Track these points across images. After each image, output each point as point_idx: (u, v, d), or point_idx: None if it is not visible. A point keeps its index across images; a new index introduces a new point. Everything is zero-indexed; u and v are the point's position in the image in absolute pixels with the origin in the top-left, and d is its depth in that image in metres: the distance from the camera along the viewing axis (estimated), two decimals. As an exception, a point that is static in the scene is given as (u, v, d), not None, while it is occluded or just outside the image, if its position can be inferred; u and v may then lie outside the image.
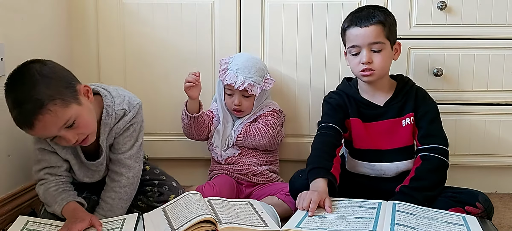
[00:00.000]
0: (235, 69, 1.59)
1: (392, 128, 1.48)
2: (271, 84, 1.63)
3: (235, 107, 1.62)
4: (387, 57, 1.44)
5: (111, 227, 1.28)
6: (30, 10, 1.54)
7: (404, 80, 1.53)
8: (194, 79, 1.56)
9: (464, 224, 1.20)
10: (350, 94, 1.52)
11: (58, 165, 1.36)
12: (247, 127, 1.63)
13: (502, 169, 1.78)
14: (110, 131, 1.37)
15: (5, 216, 1.42)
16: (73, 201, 1.33)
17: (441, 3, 1.66)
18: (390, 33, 1.45)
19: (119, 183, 1.39)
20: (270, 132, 1.61)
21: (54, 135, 1.23)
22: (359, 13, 1.45)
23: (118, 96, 1.38)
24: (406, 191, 1.38)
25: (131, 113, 1.38)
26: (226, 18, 1.74)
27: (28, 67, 1.22)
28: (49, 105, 1.17)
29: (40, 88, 1.18)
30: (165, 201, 1.45)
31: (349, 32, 1.45)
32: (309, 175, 1.37)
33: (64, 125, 1.21)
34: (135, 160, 1.41)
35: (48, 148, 1.35)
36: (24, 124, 1.19)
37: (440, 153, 1.42)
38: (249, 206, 1.35)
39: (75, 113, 1.22)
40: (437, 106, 1.50)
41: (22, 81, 1.20)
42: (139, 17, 1.76)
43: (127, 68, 1.79)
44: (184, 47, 1.76)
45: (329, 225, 1.18)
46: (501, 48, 1.68)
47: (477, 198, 1.33)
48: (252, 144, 1.63)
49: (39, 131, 1.19)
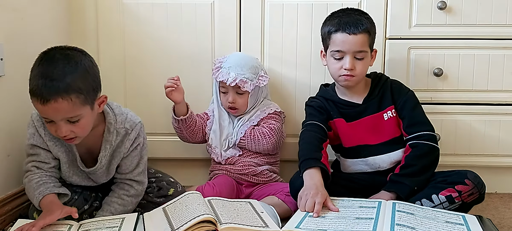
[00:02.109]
0: (227, 67, 1.60)
1: (375, 123, 1.51)
2: (265, 81, 1.63)
3: (230, 105, 1.63)
4: (367, 64, 1.50)
5: (110, 226, 1.27)
6: (30, 10, 1.54)
7: (378, 76, 1.56)
8: (172, 83, 1.57)
9: (464, 224, 1.20)
10: (329, 98, 1.55)
11: (46, 161, 1.36)
12: (251, 130, 1.63)
13: (502, 169, 1.78)
14: (114, 151, 1.39)
15: (5, 216, 1.42)
16: (51, 193, 1.31)
17: (441, 3, 1.66)
18: (372, 42, 1.49)
19: (127, 192, 1.42)
20: (275, 137, 1.62)
21: (55, 120, 1.23)
22: (346, 18, 1.46)
23: (120, 114, 1.40)
24: (395, 179, 1.41)
25: (134, 132, 1.40)
26: (226, 18, 1.74)
27: (74, 53, 1.26)
28: (73, 96, 1.21)
29: (76, 76, 1.22)
30: (165, 195, 1.49)
31: (335, 36, 1.46)
32: (301, 167, 1.38)
33: (70, 117, 1.23)
34: (144, 176, 1.46)
35: (41, 145, 1.36)
36: (41, 95, 1.19)
37: (427, 139, 1.44)
38: (249, 206, 1.35)
39: (84, 114, 1.25)
40: (414, 93, 1.53)
41: (65, 60, 1.22)
42: (139, 17, 1.76)
43: (126, 67, 1.79)
44: (184, 47, 1.76)
45: (329, 225, 1.18)
46: (501, 48, 1.68)
47: (466, 176, 1.36)
48: (256, 148, 1.63)
49: (49, 109, 1.20)
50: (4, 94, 1.43)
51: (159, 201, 1.48)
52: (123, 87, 1.79)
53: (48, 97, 1.18)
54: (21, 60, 1.47)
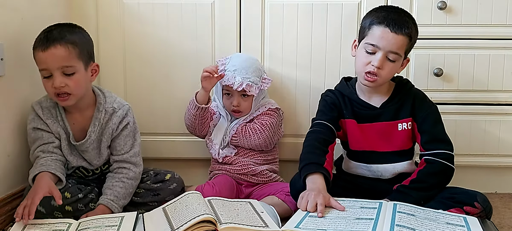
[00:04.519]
0: (232, 70, 1.59)
1: (387, 130, 1.47)
2: (268, 84, 1.63)
3: (234, 108, 1.62)
4: (396, 69, 1.42)
5: (109, 224, 1.27)
6: (30, 10, 1.54)
7: (403, 82, 1.51)
8: (212, 70, 1.56)
9: (464, 225, 1.19)
10: (346, 94, 1.50)
11: (50, 141, 1.45)
12: (243, 127, 1.63)
13: (502, 169, 1.78)
14: (103, 129, 1.48)
15: (5, 216, 1.42)
16: (44, 171, 1.36)
17: (441, 3, 1.66)
18: (409, 49, 1.43)
19: (126, 175, 1.48)
20: (266, 132, 1.61)
21: (51, 70, 1.36)
22: (394, 15, 1.39)
23: (109, 96, 1.52)
24: (403, 190, 1.38)
25: (121, 111, 1.50)
26: (226, 18, 1.74)
27: (75, 25, 1.46)
28: (70, 46, 1.37)
29: (75, 35, 1.41)
30: (162, 181, 1.55)
31: (377, 28, 1.38)
32: (302, 171, 1.36)
33: (66, 67, 1.37)
34: (140, 158, 1.54)
35: (41, 126, 1.45)
36: (41, 44, 1.36)
37: (445, 158, 1.40)
38: (249, 206, 1.35)
39: (78, 69, 1.39)
40: (437, 108, 1.48)
41: (65, 25, 1.43)
42: (139, 16, 1.76)
43: (127, 67, 1.79)
44: (184, 46, 1.76)
45: (329, 225, 1.18)
46: (501, 48, 1.68)
47: (476, 198, 1.33)
48: (248, 144, 1.63)
49: (48, 55, 1.35)
50: (4, 94, 1.43)
51: (157, 186, 1.53)
52: (123, 87, 1.79)
53: (48, 44, 1.35)
54: (21, 60, 1.48)
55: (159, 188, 1.53)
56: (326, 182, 1.34)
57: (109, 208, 1.41)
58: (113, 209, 1.41)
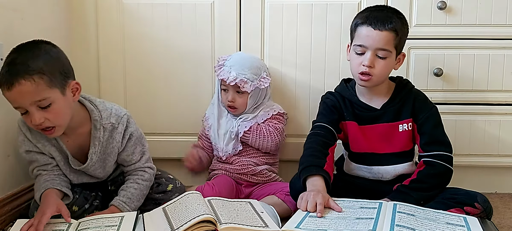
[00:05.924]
0: (229, 66, 1.60)
1: (388, 132, 1.47)
2: (266, 83, 1.63)
3: (229, 103, 1.63)
4: (389, 65, 1.42)
5: (109, 224, 1.27)
6: (30, 10, 1.54)
7: (403, 82, 1.50)
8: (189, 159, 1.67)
9: (464, 225, 1.19)
10: (347, 97, 1.51)
11: (47, 162, 1.39)
12: (257, 126, 1.63)
13: (502, 169, 1.78)
14: (106, 148, 1.41)
15: (5, 216, 1.42)
16: (50, 188, 1.34)
17: (441, 3, 1.66)
18: (400, 43, 1.42)
19: (142, 177, 1.45)
20: (279, 137, 1.63)
21: (25, 107, 1.24)
22: (376, 13, 1.40)
23: (104, 110, 1.40)
24: (403, 190, 1.38)
25: (121, 125, 1.41)
26: (226, 18, 1.74)
27: (39, 42, 1.30)
28: (36, 76, 1.21)
29: (38, 60, 1.23)
30: (164, 191, 1.51)
31: (360, 29, 1.40)
32: (302, 173, 1.36)
33: (38, 101, 1.23)
34: (151, 162, 1.50)
35: (33, 149, 1.38)
36: (5, 82, 1.21)
37: (444, 160, 1.40)
38: (249, 206, 1.35)
39: (54, 98, 1.25)
40: (438, 110, 1.48)
41: (28, 49, 1.26)
42: (139, 17, 1.76)
43: (126, 67, 1.79)
44: (184, 47, 1.76)
45: (329, 225, 1.18)
46: (501, 48, 1.68)
47: (476, 199, 1.33)
48: (259, 143, 1.63)
49: (15, 94, 1.21)
50: (4, 94, 1.43)
51: (158, 197, 1.50)
52: (123, 87, 1.79)
53: (12, 81, 1.20)
54: (21, 60, 1.47)
55: (160, 198, 1.49)
56: (326, 184, 1.34)
57: (119, 210, 1.37)
58: (124, 210, 1.37)
